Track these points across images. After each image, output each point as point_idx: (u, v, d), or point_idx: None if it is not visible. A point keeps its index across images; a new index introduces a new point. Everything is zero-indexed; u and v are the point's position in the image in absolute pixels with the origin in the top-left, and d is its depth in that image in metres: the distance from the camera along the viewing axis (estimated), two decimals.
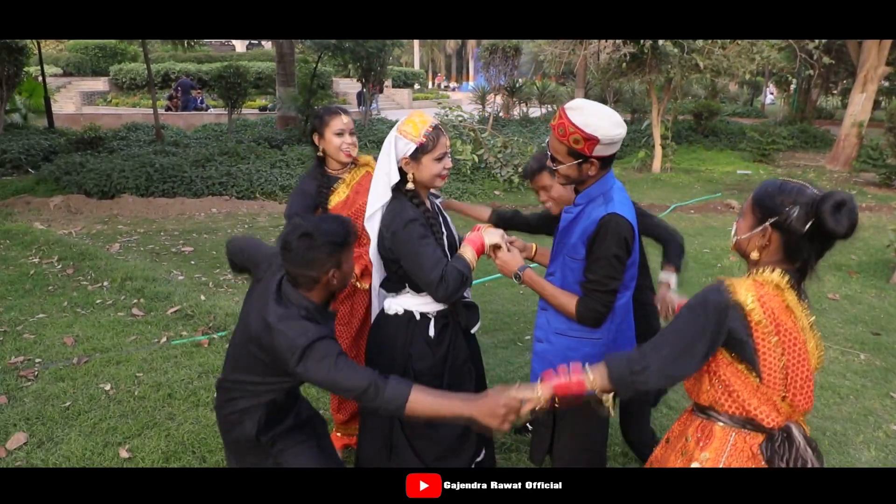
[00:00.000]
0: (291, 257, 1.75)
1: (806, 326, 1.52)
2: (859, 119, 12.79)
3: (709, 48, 9.98)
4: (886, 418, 3.45)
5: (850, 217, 1.42)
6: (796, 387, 1.51)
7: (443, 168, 2.06)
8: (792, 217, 1.47)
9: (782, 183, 1.53)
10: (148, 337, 4.19)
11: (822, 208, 1.42)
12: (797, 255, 1.50)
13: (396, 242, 2.00)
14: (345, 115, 2.73)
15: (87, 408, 3.30)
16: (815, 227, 1.44)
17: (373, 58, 13.19)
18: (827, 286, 5.67)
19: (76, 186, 8.62)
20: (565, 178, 2.00)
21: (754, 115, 24.58)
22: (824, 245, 1.50)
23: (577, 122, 1.84)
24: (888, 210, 9.34)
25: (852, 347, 4.34)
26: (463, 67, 56.83)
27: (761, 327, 1.47)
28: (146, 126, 13.63)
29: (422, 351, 2.11)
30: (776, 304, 1.48)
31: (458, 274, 1.97)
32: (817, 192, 1.46)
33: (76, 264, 5.57)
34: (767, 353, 1.49)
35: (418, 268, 1.96)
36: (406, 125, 2.05)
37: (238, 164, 9.70)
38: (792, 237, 1.49)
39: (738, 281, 1.52)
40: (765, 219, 1.52)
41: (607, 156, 1.92)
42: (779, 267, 1.52)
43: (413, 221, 1.99)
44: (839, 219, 1.41)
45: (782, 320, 1.48)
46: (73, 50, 26.08)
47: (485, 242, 2.06)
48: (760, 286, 1.50)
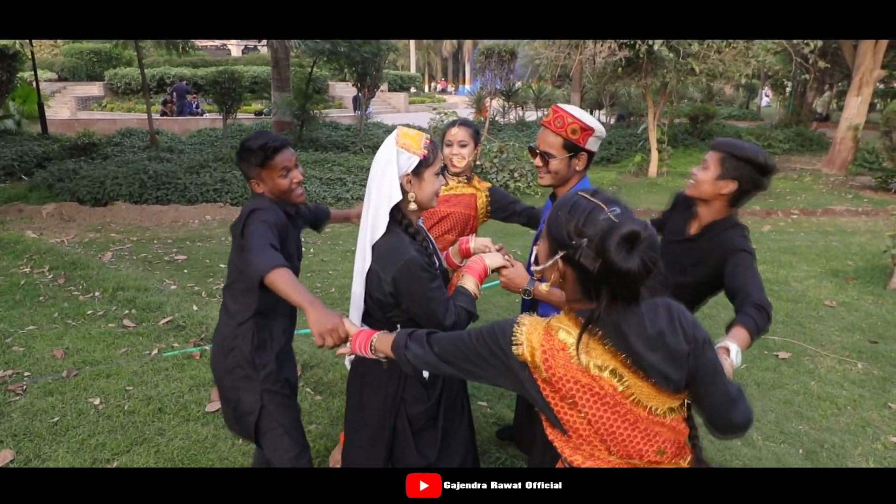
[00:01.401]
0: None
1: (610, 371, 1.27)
2: (855, 122, 12.81)
3: (704, 52, 9.97)
4: (885, 429, 3.42)
5: (642, 253, 1.18)
6: (617, 441, 1.30)
7: (440, 185, 1.94)
8: (581, 252, 1.21)
9: (574, 203, 1.27)
10: (139, 349, 4.14)
11: (607, 244, 1.17)
12: (597, 295, 1.24)
13: (400, 288, 1.80)
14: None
15: (75, 423, 3.25)
16: (605, 268, 1.19)
17: (368, 62, 13.15)
18: (823, 293, 5.65)
19: (69, 194, 8.57)
20: (554, 175, 2.16)
21: (750, 118, 24.64)
22: (629, 282, 1.20)
23: (574, 113, 2.09)
24: (885, 214, 9.33)
25: (849, 356, 4.32)
26: (459, 71, 56.88)
27: (548, 385, 1.30)
28: (140, 132, 13.57)
29: (417, 394, 1.97)
30: (561, 358, 1.27)
31: (467, 315, 1.85)
32: (608, 221, 1.21)
33: (68, 274, 5.51)
34: (561, 410, 1.31)
35: (430, 314, 1.80)
36: (404, 139, 1.85)
37: (233, 170, 9.65)
38: (586, 274, 1.23)
39: (532, 328, 1.32)
40: (556, 250, 1.28)
41: (593, 152, 2.15)
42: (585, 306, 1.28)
43: (416, 262, 1.79)
44: (628, 257, 1.17)
45: (567, 375, 1.27)
46: (68, 55, 26.02)
47: (486, 267, 1.95)
48: (549, 338, 1.29)
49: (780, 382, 3.91)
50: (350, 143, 13.29)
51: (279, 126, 13.62)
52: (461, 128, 2.79)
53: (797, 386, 3.87)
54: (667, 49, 9.80)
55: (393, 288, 1.81)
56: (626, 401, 1.28)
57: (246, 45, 30.87)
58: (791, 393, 3.78)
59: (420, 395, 1.98)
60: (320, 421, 3.32)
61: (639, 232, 1.18)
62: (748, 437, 3.29)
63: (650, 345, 1.26)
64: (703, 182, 2.16)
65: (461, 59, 55.13)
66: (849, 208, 9.67)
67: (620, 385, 1.27)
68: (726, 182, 2.11)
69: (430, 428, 2.01)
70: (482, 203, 2.91)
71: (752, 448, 3.21)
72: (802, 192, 10.97)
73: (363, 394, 2.03)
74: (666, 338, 1.28)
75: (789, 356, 4.29)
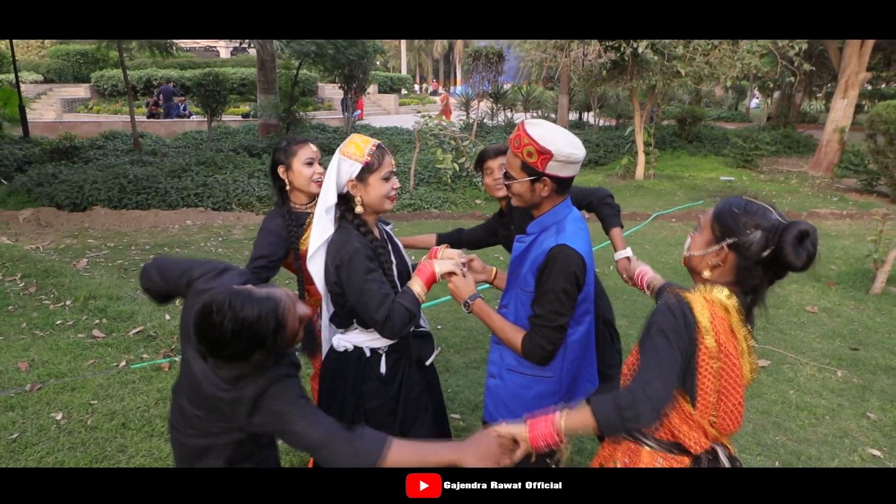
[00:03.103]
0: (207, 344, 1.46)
1: (745, 350, 1.49)
2: (841, 125, 12.84)
3: (689, 55, 9.96)
4: (863, 440, 3.37)
5: (809, 250, 1.38)
6: (727, 411, 1.50)
7: (391, 188, 1.97)
8: (752, 241, 1.42)
9: (747, 203, 1.47)
10: (107, 360, 4.05)
11: (785, 237, 1.37)
12: (749, 279, 1.46)
13: (341, 276, 1.89)
14: (313, 144, 2.63)
15: (34, 440, 3.16)
16: (773, 255, 1.40)
17: (354, 64, 13.08)
18: (806, 298, 5.62)
19: (48, 198, 8.45)
20: (518, 198, 1.94)
21: (739, 120, 24.75)
22: (777, 274, 1.45)
23: (532, 134, 1.80)
24: (869, 217, 9.34)
25: (829, 364, 4.27)
26: (451, 72, 56.87)
27: (708, 351, 1.43)
28: (125, 134, 13.45)
29: (374, 389, 2.01)
30: (722, 326, 1.44)
31: (405, 311, 1.86)
32: (782, 220, 1.42)
33: (39, 282, 5.40)
34: (706, 377, 1.45)
35: (363, 306, 1.86)
36: (348, 146, 1.97)
37: (215, 175, 9.56)
38: (748, 261, 1.44)
39: (692, 297, 1.47)
40: (724, 238, 1.47)
41: (562, 178, 1.86)
42: (728, 288, 1.48)
43: (358, 253, 1.88)
44: (799, 251, 1.37)
45: (725, 344, 1.44)
46: (54, 56, 25.82)
47: (435, 272, 1.96)
48: (711, 305, 1.46)
49: (758, 392, 3.86)
50: (337, 145, 13.08)
51: (265, 129, 13.53)
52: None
53: (776, 395, 3.82)
54: (651, 51, 9.77)
55: (336, 277, 1.90)
56: (741, 374, 1.48)
57: (235, 47, 30.67)
58: (769, 403, 3.73)
59: (377, 390, 2.02)
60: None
61: (810, 231, 1.38)
62: None
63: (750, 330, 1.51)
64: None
65: (452, 60, 55.12)
66: (833, 211, 9.68)
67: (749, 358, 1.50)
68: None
69: (388, 424, 2.02)
70: None
71: None
72: (788, 195, 10.98)
73: (327, 389, 2.10)
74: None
75: (769, 364, 4.25)
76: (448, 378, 3.95)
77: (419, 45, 54.01)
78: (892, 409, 3.68)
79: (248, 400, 1.51)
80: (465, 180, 10.35)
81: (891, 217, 7.50)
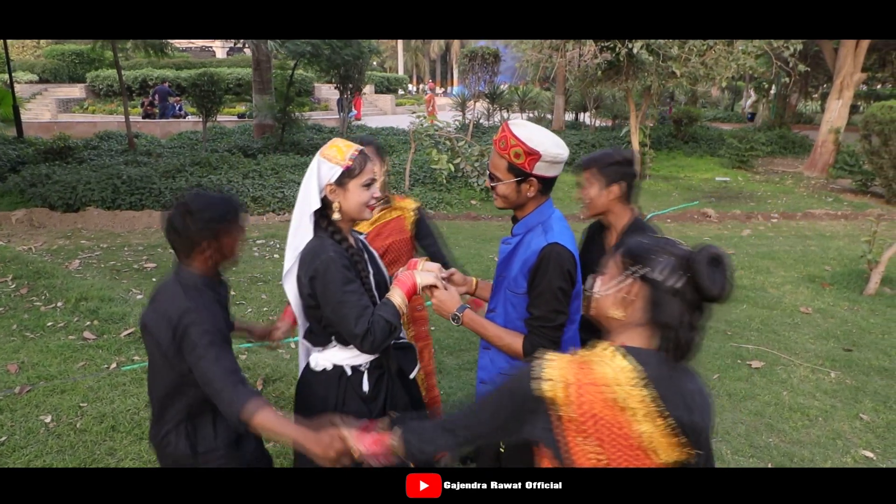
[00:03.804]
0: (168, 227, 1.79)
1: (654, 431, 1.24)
2: (836, 125, 12.86)
3: (685, 56, 9.96)
4: (855, 442, 3.36)
5: (724, 275, 1.26)
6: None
7: (371, 196, 1.88)
8: (663, 268, 1.28)
9: (656, 237, 1.39)
10: (98, 362, 4.02)
11: (697, 259, 1.25)
12: (664, 314, 1.28)
13: (316, 288, 1.79)
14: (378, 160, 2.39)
15: (23, 443, 3.14)
16: (688, 284, 1.26)
17: (350, 65, 13.05)
18: (800, 298, 5.62)
19: (41, 199, 8.41)
20: (503, 199, 1.93)
21: (735, 120, 24.76)
22: (696, 306, 1.28)
23: (519, 135, 1.81)
24: (863, 218, 9.35)
25: (823, 365, 4.27)
26: (447, 73, 56.88)
27: (571, 424, 1.27)
28: (119, 135, 13.41)
29: (357, 409, 1.90)
30: (597, 396, 1.24)
31: (385, 324, 1.78)
32: (690, 249, 1.31)
33: (31, 283, 5.37)
34: (576, 448, 1.28)
35: (341, 319, 1.77)
36: (329, 149, 1.88)
37: (210, 175, 9.52)
38: (660, 292, 1.28)
39: (563, 362, 1.30)
40: (632, 267, 1.33)
41: (547, 178, 1.87)
42: (644, 332, 1.31)
43: (334, 263, 1.78)
44: (714, 275, 1.24)
45: (603, 415, 1.25)
46: (49, 56, 25.74)
47: (416, 283, 1.89)
48: (586, 370, 1.27)
49: (752, 393, 3.85)
50: None
51: (260, 129, 13.51)
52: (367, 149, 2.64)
53: (769, 396, 3.81)
54: (646, 52, 9.77)
55: (311, 289, 1.81)
56: (644, 449, 1.26)
57: (231, 47, 30.61)
58: (762, 404, 3.72)
59: (360, 410, 1.91)
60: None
61: (723, 256, 1.26)
62: (717, 452, 3.23)
63: (683, 403, 1.27)
64: (595, 198, 2.25)
65: (449, 60, 55.12)
66: (828, 212, 9.69)
67: (641, 430, 1.25)
68: (610, 188, 2.21)
69: None
70: (410, 223, 2.81)
71: (720, 462, 3.14)
72: (783, 196, 10.99)
73: (306, 414, 1.95)
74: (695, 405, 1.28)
75: (762, 365, 4.24)
76: (441, 380, 3.93)
77: (416, 46, 53.99)
78: (885, 410, 3.68)
79: (173, 319, 1.70)
80: (460, 181, 10.33)
81: (885, 218, 7.51)
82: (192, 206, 1.76)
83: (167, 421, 1.85)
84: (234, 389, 1.65)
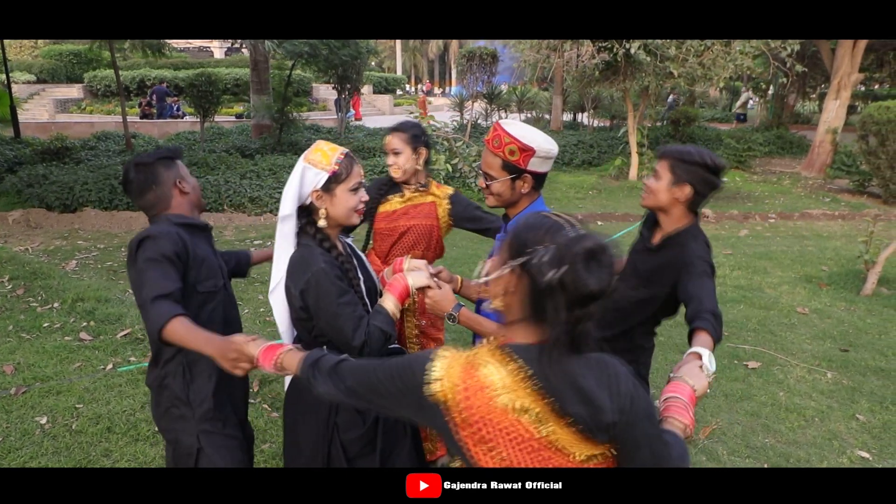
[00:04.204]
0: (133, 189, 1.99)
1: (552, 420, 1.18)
2: (833, 126, 12.86)
3: (682, 56, 9.96)
4: (851, 442, 3.37)
5: (603, 269, 1.14)
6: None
7: (359, 201, 1.86)
8: (542, 258, 1.14)
9: (544, 217, 1.22)
10: (94, 363, 4.02)
11: (573, 250, 1.12)
12: (542, 312, 1.16)
13: (308, 301, 1.76)
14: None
15: (18, 445, 3.13)
16: (563, 277, 1.12)
17: (347, 65, 13.04)
18: (797, 299, 5.62)
19: (38, 199, 8.38)
20: (497, 198, 1.98)
21: (733, 121, 24.75)
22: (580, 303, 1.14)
23: (512, 132, 1.86)
24: (860, 218, 9.35)
25: (819, 365, 4.27)
26: (446, 73, 56.87)
27: (467, 427, 1.20)
28: (117, 135, 13.38)
29: (350, 419, 1.86)
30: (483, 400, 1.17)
31: (381, 334, 1.76)
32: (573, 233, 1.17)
33: (27, 284, 5.37)
34: (478, 453, 1.22)
35: (337, 331, 1.74)
36: (314, 154, 1.83)
37: (207, 175, 9.50)
38: (538, 285, 1.14)
39: (452, 362, 1.22)
40: (515, 257, 1.19)
41: (540, 173, 1.94)
42: (529, 327, 1.20)
43: (326, 274, 1.74)
44: (591, 267, 1.12)
45: (492, 419, 1.18)
46: (46, 56, 25.68)
47: (408, 286, 1.85)
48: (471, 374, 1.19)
49: (748, 394, 3.85)
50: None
51: (258, 129, 13.48)
52: (394, 135, 2.66)
53: (765, 397, 3.82)
54: (644, 52, 9.77)
55: (302, 302, 1.77)
56: (546, 447, 1.20)
57: (228, 47, 30.57)
58: (759, 405, 3.73)
59: (354, 420, 1.87)
60: (275, 440, 3.22)
61: (605, 247, 1.15)
62: (713, 452, 3.23)
63: (579, 397, 1.17)
64: (658, 191, 2.13)
65: (447, 60, 55.10)
66: (826, 212, 9.70)
67: (543, 430, 1.18)
68: (680, 187, 2.08)
69: (367, 454, 1.91)
70: (443, 211, 2.80)
71: (716, 463, 3.15)
72: (781, 196, 11.00)
73: (297, 419, 1.95)
74: (594, 399, 1.17)
75: (759, 366, 4.24)
76: None
77: (414, 46, 53.96)
78: (881, 410, 3.69)
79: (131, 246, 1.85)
80: (458, 181, 10.32)
81: (882, 218, 7.51)
82: (137, 159, 2.01)
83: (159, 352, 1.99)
84: (152, 305, 1.73)
